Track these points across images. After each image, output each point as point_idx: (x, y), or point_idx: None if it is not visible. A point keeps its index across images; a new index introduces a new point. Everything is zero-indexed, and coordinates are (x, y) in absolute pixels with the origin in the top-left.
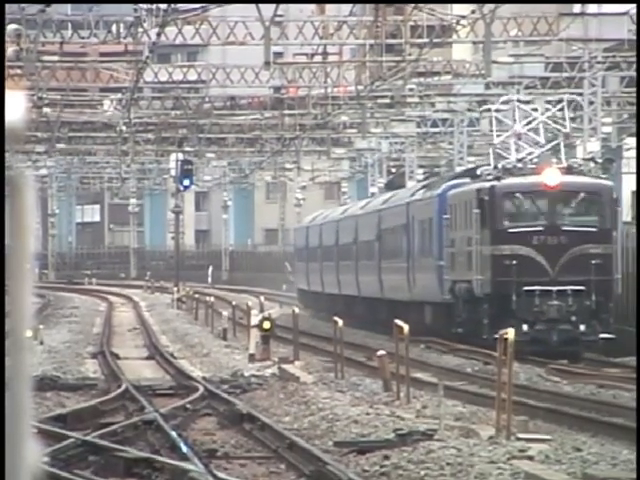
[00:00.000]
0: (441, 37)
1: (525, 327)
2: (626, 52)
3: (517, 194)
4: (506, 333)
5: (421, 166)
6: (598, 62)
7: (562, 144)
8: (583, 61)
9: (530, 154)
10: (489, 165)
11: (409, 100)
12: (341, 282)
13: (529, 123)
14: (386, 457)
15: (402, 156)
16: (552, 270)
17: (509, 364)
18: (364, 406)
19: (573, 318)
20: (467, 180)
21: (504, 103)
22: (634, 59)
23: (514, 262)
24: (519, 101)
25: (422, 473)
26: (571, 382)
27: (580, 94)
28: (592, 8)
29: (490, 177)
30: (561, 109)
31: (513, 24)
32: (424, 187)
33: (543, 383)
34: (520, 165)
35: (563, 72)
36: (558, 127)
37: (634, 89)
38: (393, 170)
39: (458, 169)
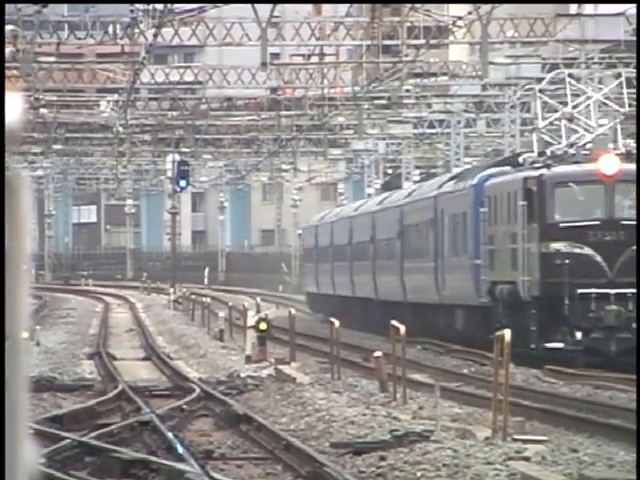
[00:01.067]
0: (438, 38)
1: (579, 335)
2: (622, 53)
3: (570, 184)
4: (502, 334)
5: (418, 167)
6: (595, 63)
7: (619, 127)
8: (580, 62)
9: (581, 138)
10: (532, 152)
11: (406, 101)
12: (355, 284)
13: (576, 107)
14: (382, 458)
15: (399, 157)
16: (610, 270)
17: (505, 365)
18: (360, 407)
19: (634, 325)
20: (507, 169)
21: (552, 83)
22: (630, 60)
23: (566, 261)
24: (570, 76)
25: (418, 474)
26: (567, 383)
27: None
28: (588, 9)
29: (537, 165)
30: (619, 85)
31: (510, 25)
32: (454, 178)
33: (539, 384)
34: (572, 151)
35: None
36: (614, 107)
37: (631, 90)
38: (390, 171)
39: (455, 170)
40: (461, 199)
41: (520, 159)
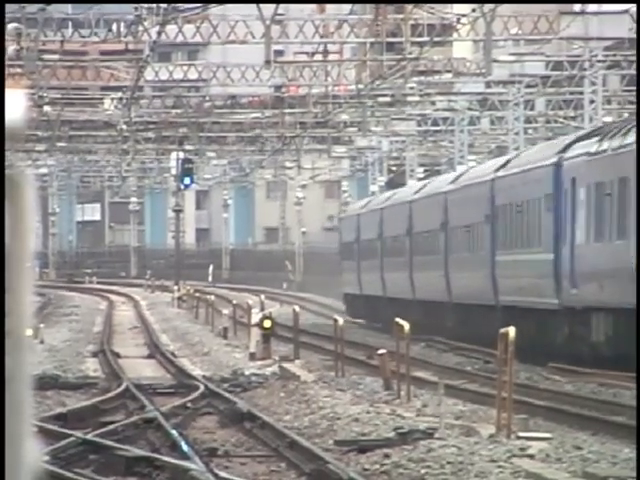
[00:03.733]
0: (442, 36)
1: None
2: (627, 51)
3: None
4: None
5: (422, 165)
6: (599, 61)
7: None
8: (584, 60)
9: None
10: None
11: (409, 99)
12: (416, 284)
13: None
14: (386, 456)
15: (402, 155)
16: None
17: (509, 363)
18: (364, 405)
19: None
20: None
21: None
22: (634, 58)
23: None
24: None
25: (422, 472)
26: (571, 381)
27: (581, 93)
28: (592, 7)
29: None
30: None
31: (514, 23)
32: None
33: (543, 382)
34: None
35: (564, 71)
36: None
37: (634, 87)
38: (393, 169)
39: (459, 167)
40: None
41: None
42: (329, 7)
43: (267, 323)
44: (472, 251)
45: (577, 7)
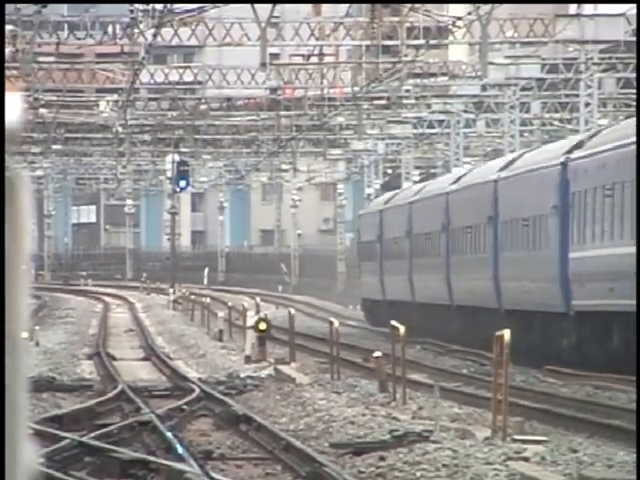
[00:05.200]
0: (437, 38)
1: None
2: (622, 53)
3: None
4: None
5: (417, 167)
6: (594, 63)
7: None
8: (579, 62)
9: None
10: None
11: (405, 101)
12: (454, 287)
13: None
14: (382, 458)
15: (398, 157)
16: None
17: (505, 365)
18: (360, 407)
19: None
20: None
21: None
22: (630, 60)
23: None
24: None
25: (418, 474)
26: (567, 383)
27: (576, 96)
28: (588, 9)
29: None
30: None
31: (509, 25)
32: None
33: (539, 384)
34: None
35: (559, 73)
36: None
37: (630, 90)
38: (389, 171)
39: (455, 170)
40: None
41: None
42: (325, 9)
43: (262, 326)
44: (533, 249)
45: (573, 10)
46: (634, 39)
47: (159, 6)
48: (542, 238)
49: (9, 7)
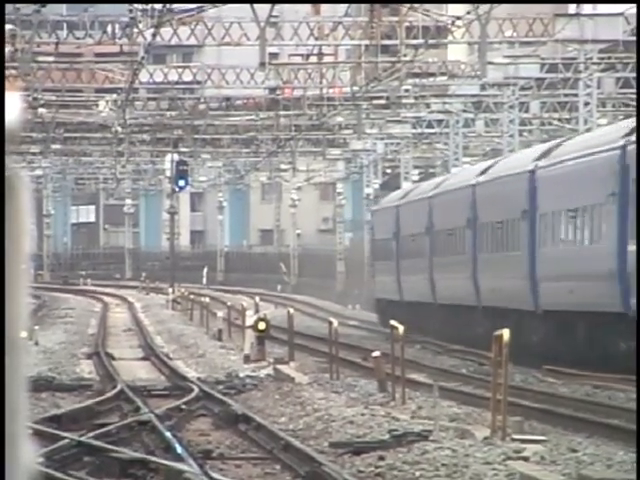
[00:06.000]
0: (436, 38)
1: None
2: (621, 53)
3: None
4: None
5: (416, 167)
6: (593, 63)
7: None
8: (578, 62)
9: None
10: None
11: (404, 101)
12: (482, 286)
13: None
14: (381, 458)
15: (397, 157)
16: None
17: (504, 365)
18: (359, 407)
19: None
20: None
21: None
22: (629, 60)
23: None
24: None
25: (417, 474)
26: (566, 383)
27: (575, 95)
28: (587, 9)
29: None
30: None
31: (508, 25)
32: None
33: (538, 384)
34: None
35: (558, 73)
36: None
37: (630, 90)
38: (388, 171)
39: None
40: None
41: None
42: (324, 9)
43: (262, 325)
44: (581, 243)
45: (572, 9)
46: (633, 39)
47: (158, 6)
48: (594, 230)
49: (8, 7)
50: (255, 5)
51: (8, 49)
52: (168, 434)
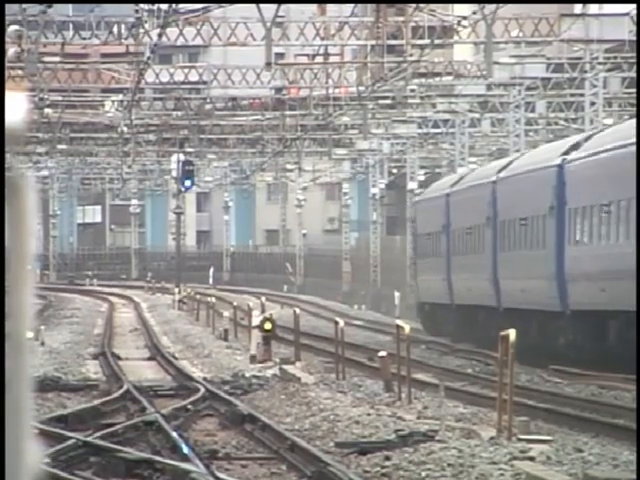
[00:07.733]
0: (442, 38)
1: None
2: (627, 53)
3: None
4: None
5: (422, 167)
6: (599, 63)
7: None
8: (584, 62)
9: None
10: None
11: (410, 101)
12: (571, 289)
13: None
14: (387, 458)
15: (403, 157)
16: None
17: (510, 365)
18: (365, 407)
19: None
20: None
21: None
22: (635, 60)
23: None
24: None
25: (423, 474)
26: (572, 383)
27: (581, 95)
28: (593, 9)
29: None
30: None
31: (514, 25)
32: None
33: (544, 384)
34: None
35: (564, 73)
36: None
37: (635, 90)
38: (394, 171)
39: (460, 170)
40: None
41: None
42: (330, 9)
43: (268, 325)
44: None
45: (578, 9)
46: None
47: (164, 6)
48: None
49: (15, 7)
50: (261, 5)
51: (14, 50)
52: (174, 434)
